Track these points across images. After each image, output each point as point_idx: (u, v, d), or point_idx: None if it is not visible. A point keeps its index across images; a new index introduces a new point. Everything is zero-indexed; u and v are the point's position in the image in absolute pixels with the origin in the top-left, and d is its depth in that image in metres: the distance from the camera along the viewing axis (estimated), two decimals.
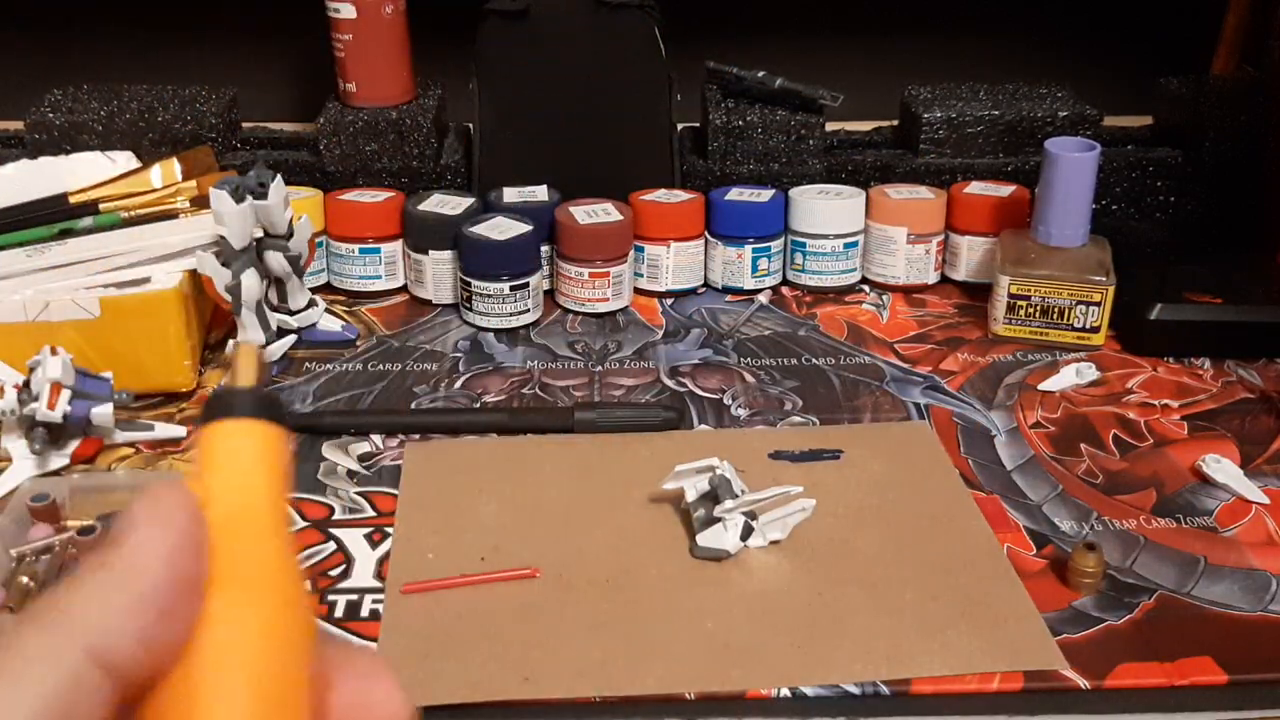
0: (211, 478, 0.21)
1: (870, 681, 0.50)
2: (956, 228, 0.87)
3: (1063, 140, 0.79)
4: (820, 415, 0.71)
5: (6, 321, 0.68)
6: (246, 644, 0.20)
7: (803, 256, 0.87)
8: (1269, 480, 0.64)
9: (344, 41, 0.89)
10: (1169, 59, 1.03)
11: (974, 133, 0.91)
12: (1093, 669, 0.50)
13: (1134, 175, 0.93)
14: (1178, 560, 0.58)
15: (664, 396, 0.73)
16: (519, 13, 0.87)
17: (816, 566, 0.57)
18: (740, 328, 0.83)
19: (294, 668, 0.20)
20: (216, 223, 0.71)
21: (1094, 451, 0.67)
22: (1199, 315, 0.77)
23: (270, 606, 0.20)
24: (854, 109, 0.92)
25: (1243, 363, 0.77)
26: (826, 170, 0.92)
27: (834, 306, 0.86)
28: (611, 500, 0.62)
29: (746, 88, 0.93)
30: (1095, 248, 0.79)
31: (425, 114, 0.90)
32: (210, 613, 0.20)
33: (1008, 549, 0.58)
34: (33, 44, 1.03)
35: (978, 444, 0.68)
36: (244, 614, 0.20)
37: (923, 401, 0.73)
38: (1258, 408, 0.72)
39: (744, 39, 1.04)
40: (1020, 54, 1.06)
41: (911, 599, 0.55)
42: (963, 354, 0.79)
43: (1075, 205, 0.78)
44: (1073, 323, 0.78)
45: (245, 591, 0.20)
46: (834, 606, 0.54)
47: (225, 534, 0.21)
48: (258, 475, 0.22)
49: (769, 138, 0.90)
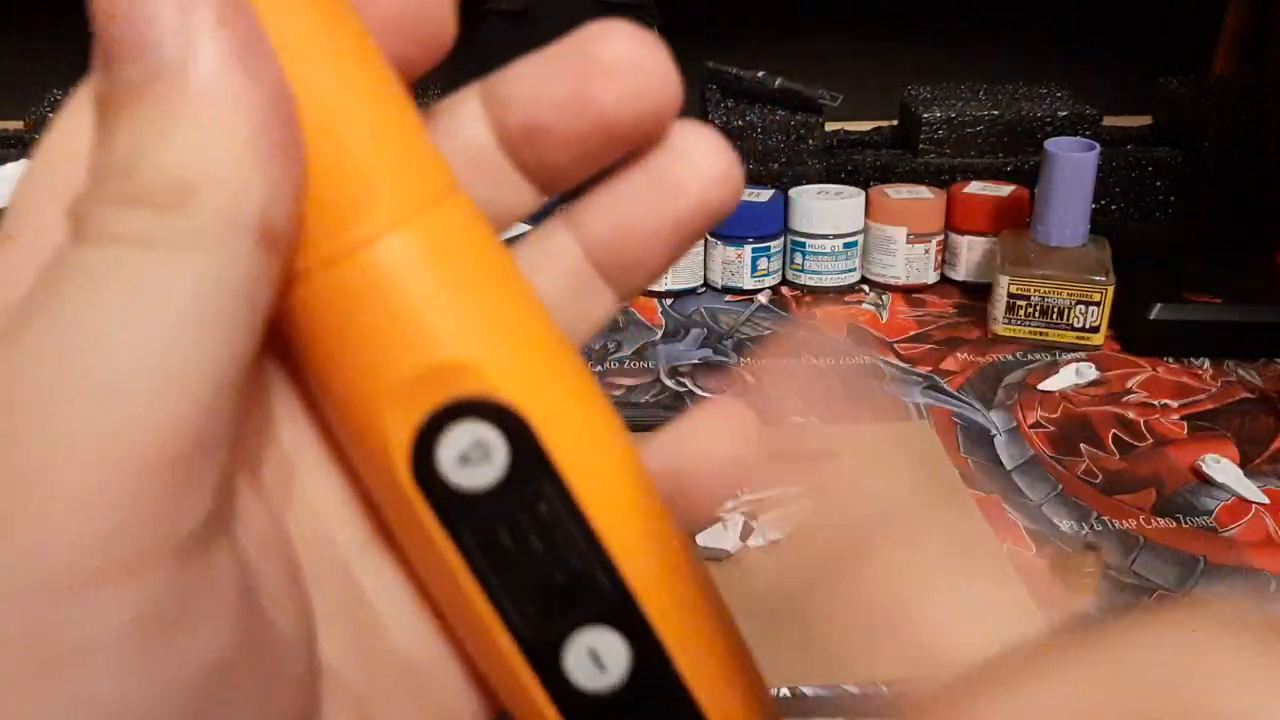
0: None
1: (870, 681, 0.50)
2: (956, 228, 0.87)
3: (1063, 140, 0.79)
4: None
5: None
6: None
7: (802, 256, 0.87)
8: (1269, 480, 0.64)
9: None
10: (1169, 59, 1.03)
11: (974, 133, 0.91)
12: None
13: (1134, 175, 0.93)
14: (1177, 560, 0.58)
15: (664, 396, 0.73)
16: (519, 13, 0.87)
17: None
18: (740, 328, 0.83)
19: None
20: None
21: (1094, 451, 0.67)
22: (1199, 315, 0.77)
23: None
24: (854, 109, 0.92)
25: (1242, 363, 0.77)
26: (826, 170, 0.92)
27: (834, 306, 0.86)
28: None
29: (746, 88, 0.93)
30: (1095, 248, 0.79)
31: None
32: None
33: (1008, 549, 0.58)
34: (33, 44, 1.03)
35: (977, 444, 0.68)
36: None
37: (922, 401, 0.73)
38: (1257, 408, 0.72)
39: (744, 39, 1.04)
40: (1020, 54, 1.06)
41: None
42: (962, 354, 0.79)
43: (1075, 205, 0.78)
44: (1072, 323, 0.78)
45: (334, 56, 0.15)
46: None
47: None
48: None
49: (769, 138, 0.90)
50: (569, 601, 0.16)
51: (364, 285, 0.15)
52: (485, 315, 0.16)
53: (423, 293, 0.16)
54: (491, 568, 0.16)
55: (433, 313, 0.16)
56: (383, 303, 0.15)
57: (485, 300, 0.16)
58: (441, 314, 0.16)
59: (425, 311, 0.16)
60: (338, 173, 0.15)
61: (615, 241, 0.18)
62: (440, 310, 0.16)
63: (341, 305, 0.15)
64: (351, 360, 0.16)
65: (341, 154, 0.15)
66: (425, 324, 0.16)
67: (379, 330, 0.16)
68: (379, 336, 0.16)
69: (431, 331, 0.16)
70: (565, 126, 0.17)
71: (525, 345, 0.16)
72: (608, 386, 0.74)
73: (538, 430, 0.16)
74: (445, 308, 0.16)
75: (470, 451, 0.16)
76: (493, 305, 0.16)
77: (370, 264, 0.15)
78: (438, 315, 0.16)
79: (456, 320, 0.16)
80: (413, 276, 0.15)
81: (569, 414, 0.17)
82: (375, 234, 0.15)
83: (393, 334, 0.16)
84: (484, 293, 0.16)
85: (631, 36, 0.17)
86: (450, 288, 0.16)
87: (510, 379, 0.16)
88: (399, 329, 0.15)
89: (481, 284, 0.16)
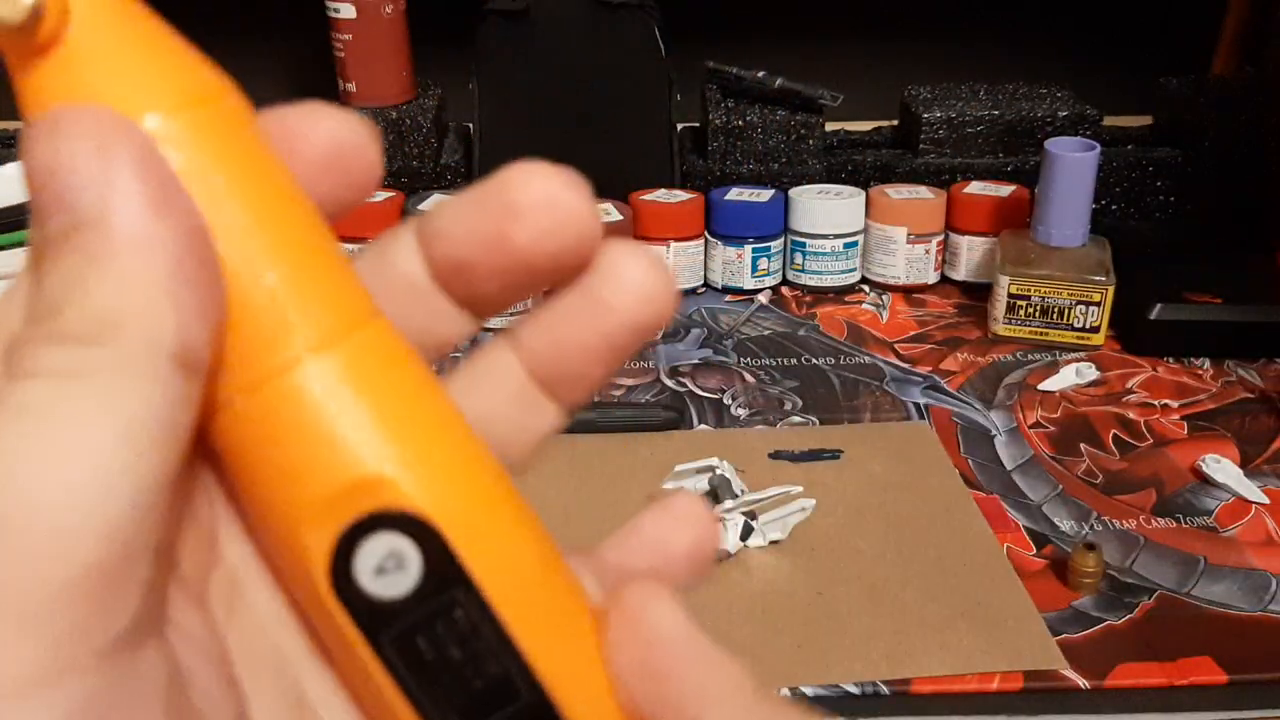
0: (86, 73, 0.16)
1: (870, 681, 0.50)
2: (956, 228, 0.87)
3: (1063, 140, 0.79)
4: (820, 415, 0.71)
5: None
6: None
7: (802, 256, 0.87)
8: (1269, 480, 0.64)
9: (344, 41, 0.89)
10: (1169, 59, 1.03)
11: (974, 133, 0.91)
12: (1093, 669, 0.50)
13: (1134, 175, 0.93)
14: (1178, 560, 0.58)
15: (664, 396, 0.73)
16: (519, 13, 0.87)
17: (816, 566, 0.57)
18: (740, 328, 0.83)
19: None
20: None
21: (1094, 451, 0.67)
22: (1199, 315, 0.77)
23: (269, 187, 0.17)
24: (854, 109, 0.92)
25: (1243, 363, 0.77)
26: (826, 170, 0.92)
27: (834, 306, 0.86)
28: (611, 500, 0.62)
29: (746, 88, 0.93)
30: (1095, 248, 0.79)
31: (425, 114, 0.90)
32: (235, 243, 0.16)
33: (1008, 549, 0.58)
34: None
35: (978, 444, 0.68)
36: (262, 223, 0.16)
37: (923, 401, 0.73)
38: (1258, 408, 0.72)
39: (744, 39, 1.04)
40: (1020, 54, 1.06)
41: (911, 599, 0.55)
42: (962, 354, 0.79)
43: (1075, 205, 0.78)
44: (1073, 323, 0.78)
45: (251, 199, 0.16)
46: (834, 606, 0.54)
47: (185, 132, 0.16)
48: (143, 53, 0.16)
49: (769, 138, 0.90)
50: (489, 707, 0.17)
51: (282, 408, 0.16)
52: (398, 431, 0.17)
53: (337, 412, 0.16)
54: (413, 676, 0.17)
55: (347, 431, 0.16)
56: (299, 424, 0.16)
57: (399, 417, 0.17)
58: (355, 431, 0.16)
59: (339, 430, 0.16)
60: (256, 304, 0.16)
61: (552, 358, 0.19)
62: (354, 428, 0.16)
63: (262, 428, 0.16)
64: (273, 479, 0.17)
65: (259, 287, 0.16)
66: (339, 442, 0.16)
67: (297, 450, 0.16)
68: (297, 455, 0.16)
69: (345, 449, 0.16)
70: (489, 263, 0.18)
71: (438, 457, 0.17)
72: (608, 386, 0.74)
73: (449, 538, 0.17)
74: (358, 426, 0.16)
75: (385, 562, 0.17)
76: (407, 421, 0.17)
77: (287, 388, 0.16)
78: (351, 433, 0.16)
79: (369, 437, 0.17)
80: (327, 398, 0.16)
81: (481, 521, 0.17)
82: (293, 360, 0.16)
83: (310, 453, 0.16)
84: (398, 410, 0.17)
85: (548, 177, 0.18)
86: (364, 407, 0.17)
87: (422, 490, 0.17)
88: (315, 448, 0.16)
89: (396, 402, 0.17)
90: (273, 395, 0.16)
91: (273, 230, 0.17)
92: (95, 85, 0.16)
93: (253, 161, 0.17)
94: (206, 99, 0.16)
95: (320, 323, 0.17)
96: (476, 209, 0.18)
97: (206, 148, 0.16)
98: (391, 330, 0.18)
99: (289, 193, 0.17)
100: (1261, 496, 0.63)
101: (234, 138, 0.17)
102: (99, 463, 0.14)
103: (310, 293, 0.17)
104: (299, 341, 0.16)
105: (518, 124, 0.90)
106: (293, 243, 0.17)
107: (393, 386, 0.17)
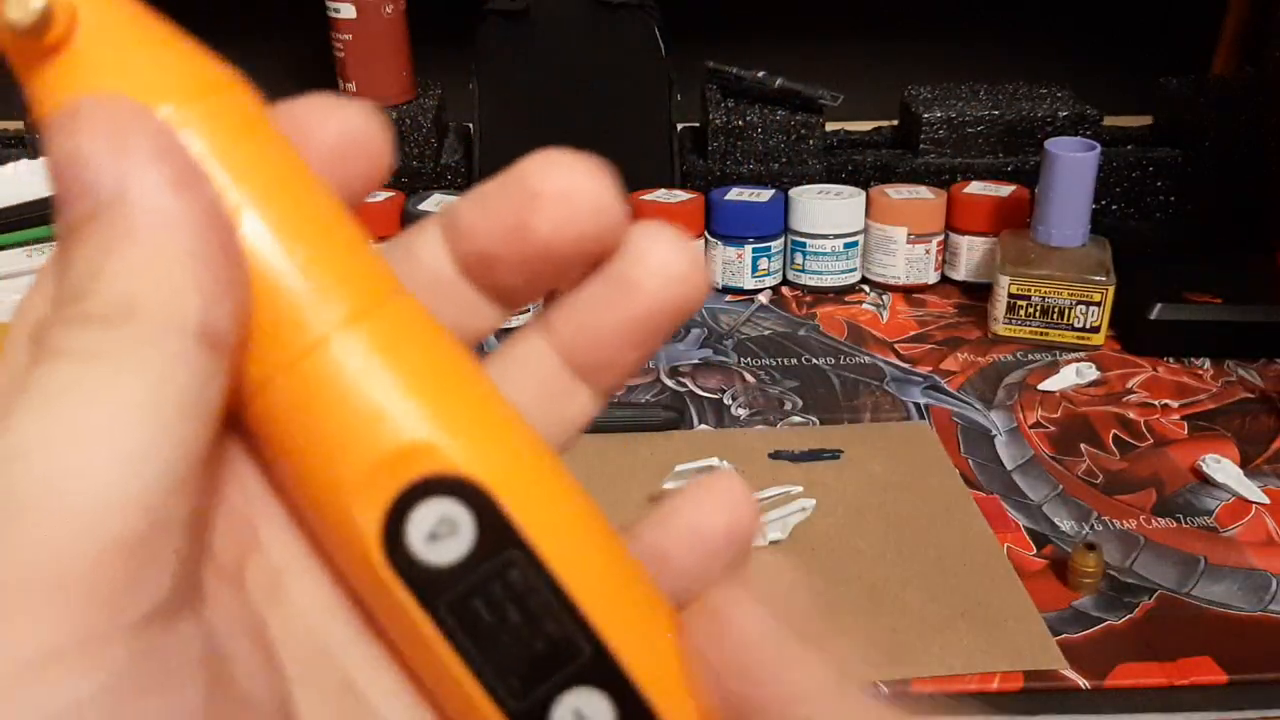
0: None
1: (870, 681, 0.50)
2: (956, 228, 0.87)
3: (1063, 140, 0.79)
4: (820, 415, 0.71)
5: (7, 322, 0.68)
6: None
7: (803, 256, 0.87)
8: (1269, 480, 0.64)
9: (344, 41, 0.89)
10: (1169, 59, 1.03)
11: (974, 133, 0.91)
12: (1093, 669, 0.50)
13: (1134, 175, 0.93)
14: (1178, 560, 0.58)
15: (664, 396, 0.73)
16: (519, 13, 0.87)
17: (816, 566, 0.57)
18: (740, 328, 0.83)
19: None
20: None
21: (1094, 451, 0.67)
22: (1199, 315, 0.77)
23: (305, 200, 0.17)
24: (854, 109, 0.92)
25: (1243, 363, 0.77)
26: (826, 170, 0.92)
27: (834, 306, 0.86)
28: (612, 500, 0.62)
29: (746, 88, 0.93)
30: (1095, 248, 0.79)
31: (425, 114, 0.90)
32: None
33: (1008, 549, 0.58)
34: None
35: (978, 444, 0.68)
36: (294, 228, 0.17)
37: (923, 401, 0.73)
38: (1258, 408, 0.72)
39: (744, 39, 1.04)
40: (1020, 54, 1.06)
41: (911, 599, 0.55)
42: (963, 354, 0.79)
43: (1075, 205, 0.78)
44: (1073, 323, 0.78)
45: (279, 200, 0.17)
46: (834, 606, 0.54)
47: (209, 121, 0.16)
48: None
49: (769, 138, 0.90)
50: (551, 667, 0.17)
51: (321, 382, 0.16)
52: (438, 397, 0.17)
53: (377, 381, 0.16)
54: (472, 641, 0.17)
55: (387, 400, 0.16)
56: (340, 395, 0.16)
57: (438, 383, 0.17)
58: (396, 400, 0.17)
59: (379, 399, 0.16)
60: (283, 282, 0.16)
61: (584, 344, 0.19)
62: (394, 397, 0.17)
63: (303, 405, 0.16)
64: (318, 456, 0.17)
65: (284, 264, 0.16)
66: (381, 411, 0.16)
67: (340, 422, 0.16)
68: (340, 428, 0.16)
69: (388, 417, 0.16)
70: (512, 254, 0.18)
71: (480, 422, 0.17)
72: None
73: (500, 500, 0.17)
74: (399, 394, 0.17)
75: (438, 528, 0.17)
76: (445, 388, 0.17)
77: (325, 361, 0.16)
78: (392, 401, 0.16)
79: (411, 405, 0.17)
80: (366, 367, 0.16)
81: (529, 483, 0.17)
82: (327, 334, 0.16)
83: (353, 424, 0.16)
84: (436, 377, 0.17)
85: (568, 166, 0.18)
86: (403, 375, 0.17)
87: (468, 454, 0.17)
88: (357, 419, 0.16)
89: (433, 369, 0.17)
90: (310, 371, 0.16)
91: (292, 209, 0.17)
92: (107, 82, 0.16)
93: (267, 145, 0.17)
94: (218, 89, 0.17)
95: (349, 297, 0.17)
96: (498, 200, 0.19)
97: (221, 133, 0.16)
98: (418, 304, 0.18)
99: (304, 175, 0.17)
100: (1261, 496, 0.63)
101: (248, 124, 0.17)
102: (124, 439, 0.14)
103: (336, 268, 0.17)
104: (331, 314, 0.16)
105: (518, 124, 0.90)
106: (313, 221, 0.17)
107: (429, 355, 0.17)
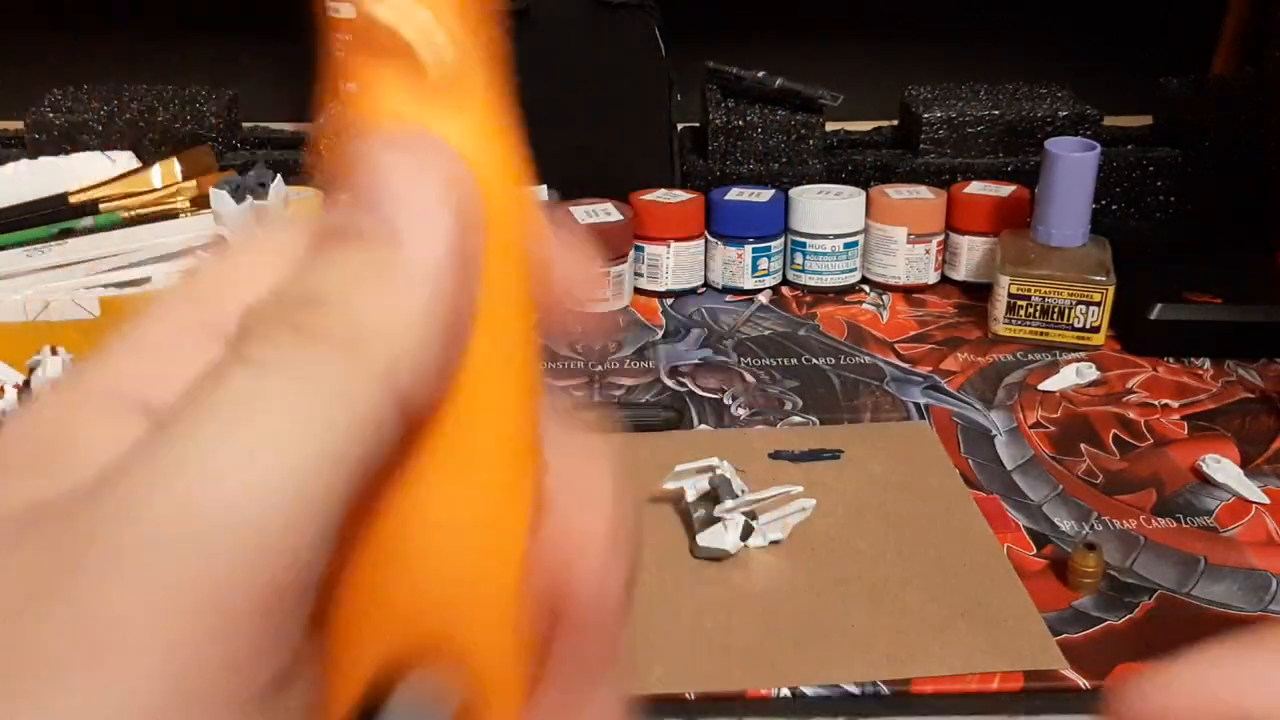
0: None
1: (870, 681, 0.50)
2: (956, 228, 0.87)
3: (1063, 140, 0.79)
4: (820, 415, 0.71)
5: (6, 321, 0.68)
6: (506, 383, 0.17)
7: (803, 256, 0.87)
8: (1269, 480, 0.64)
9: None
10: (1169, 59, 1.02)
11: (974, 133, 0.91)
12: (1093, 669, 0.50)
13: (1134, 175, 0.93)
14: (1178, 560, 0.58)
15: (664, 396, 0.73)
16: (519, 13, 0.87)
17: (816, 566, 0.57)
18: (740, 328, 0.83)
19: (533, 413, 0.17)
20: (216, 223, 0.71)
21: (1094, 451, 0.67)
22: (1199, 315, 0.77)
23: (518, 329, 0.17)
24: (854, 109, 0.92)
25: (1243, 363, 0.77)
26: (826, 170, 0.92)
27: (834, 306, 0.86)
28: None
29: (746, 88, 0.93)
30: (1095, 248, 0.79)
31: None
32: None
33: (1008, 549, 0.58)
34: (33, 44, 1.03)
35: (978, 444, 0.68)
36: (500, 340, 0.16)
37: (923, 401, 0.73)
38: (1258, 408, 0.72)
39: (744, 39, 1.04)
40: (1020, 54, 1.06)
41: (911, 599, 0.55)
42: (963, 354, 0.79)
43: (1075, 205, 0.78)
44: (1073, 323, 0.78)
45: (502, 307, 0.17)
46: (834, 606, 0.54)
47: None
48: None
49: (769, 138, 0.90)
50: None
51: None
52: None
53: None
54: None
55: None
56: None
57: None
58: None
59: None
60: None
61: None
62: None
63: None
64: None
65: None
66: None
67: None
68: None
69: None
70: None
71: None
72: (608, 386, 0.74)
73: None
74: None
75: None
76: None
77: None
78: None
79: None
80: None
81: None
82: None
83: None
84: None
85: None
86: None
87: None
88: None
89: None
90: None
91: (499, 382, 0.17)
92: (444, 129, 0.17)
93: (523, 266, 0.17)
94: (517, 192, 0.17)
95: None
96: None
97: (506, 229, 0.17)
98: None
99: (529, 317, 0.17)
100: (1261, 496, 0.63)
101: (518, 242, 0.17)
102: (299, 478, 0.13)
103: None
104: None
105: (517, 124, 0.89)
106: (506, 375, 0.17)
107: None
